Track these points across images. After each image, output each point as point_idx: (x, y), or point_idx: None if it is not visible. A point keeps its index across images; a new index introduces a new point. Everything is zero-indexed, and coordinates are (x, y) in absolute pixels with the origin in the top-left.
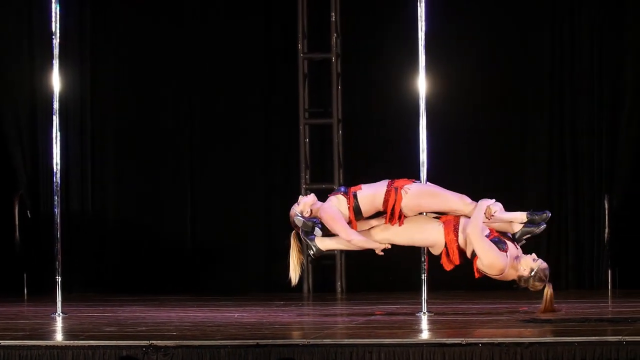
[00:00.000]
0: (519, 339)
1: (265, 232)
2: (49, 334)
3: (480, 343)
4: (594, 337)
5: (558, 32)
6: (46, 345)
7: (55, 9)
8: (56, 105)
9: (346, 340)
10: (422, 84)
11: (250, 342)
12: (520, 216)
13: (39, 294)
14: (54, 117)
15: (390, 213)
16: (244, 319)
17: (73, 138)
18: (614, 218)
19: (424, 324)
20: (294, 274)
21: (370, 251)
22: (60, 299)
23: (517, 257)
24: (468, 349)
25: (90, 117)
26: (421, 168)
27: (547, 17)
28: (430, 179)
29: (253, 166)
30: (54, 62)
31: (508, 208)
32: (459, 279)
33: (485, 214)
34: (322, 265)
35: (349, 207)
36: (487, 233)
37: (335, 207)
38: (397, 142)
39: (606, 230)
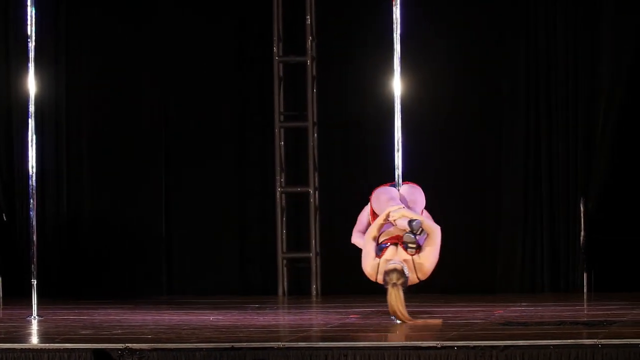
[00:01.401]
0: (494, 342)
1: (240, 235)
2: (24, 337)
3: (456, 346)
4: (569, 340)
5: (533, 34)
6: (21, 348)
7: (31, 12)
8: (32, 108)
9: (321, 343)
10: (397, 85)
11: (226, 345)
12: (406, 225)
13: (14, 297)
14: (30, 120)
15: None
16: (219, 322)
17: (48, 141)
18: (589, 221)
19: (399, 327)
20: None
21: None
22: (35, 302)
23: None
24: (443, 352)
25: (65, 120)
26: (396, 170)
27: (522, 18)
28: (407, 180)
29: (228, 169)
30: (30, 65)
31: (487, 211)
32: (434, 283)
33: (389, 219)
34: (297, 268)
35: (370, 210)
36: (385, 238)
37: (366, 210)
38: (372, 145)
39: (582, 233)
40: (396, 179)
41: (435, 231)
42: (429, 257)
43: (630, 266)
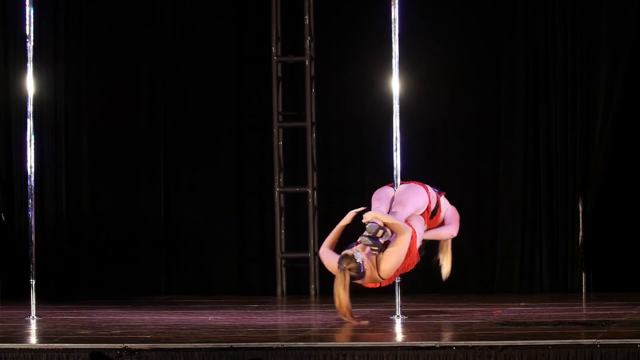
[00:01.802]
0: (492, 342)
1: (239, 235)
2: (23, 337)
3: (454, 346)
4: (568, 340)
5: (532, 34)
6: (20, 349)
7: (29, 12)
8: (30, 108)
9: (320, 343)
10: (395, 85)
11: (224, 345)
12: None
13: (13, 297)
14: (28, 120)
15: None
16: (218, 322)
17: (47, 141)
18: (588, 221)
19: (398, 327)
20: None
21: None
22: (34, 302)
23: None
24: (442, 352)
25: (64, 120)
26: (395, 170)
27: (521, 18)
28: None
29: (227, 169)
30: (28, 65)
31: (486, 211)
32: (433, 282)
33: (362, 220)
34: (296, 268)
35: None
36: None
37: None
38: (371, 145)
39: (580, 234)
40: (395, 179)
41: (404, 233)
42: (389, 258)
43: (628, 266)
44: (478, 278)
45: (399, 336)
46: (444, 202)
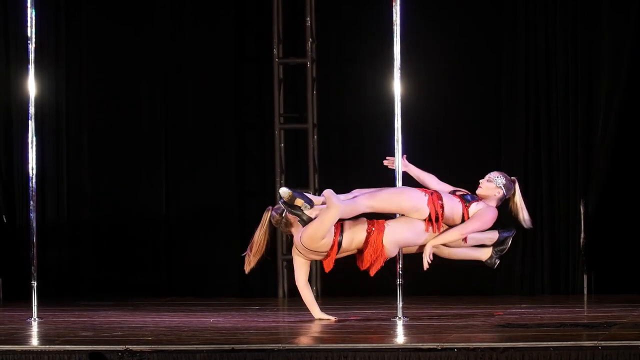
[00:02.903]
0: (494, 344)
1: (240, 236)
2: (24, 338)
3: (456, 348)
4: (569, 342)
5: (533, 34)
6: (22, 350)
7: (31, 13)
8: (32, 109)
9: (321, 345)
10: (397, 87)
11: (226, 347)
12: None
13: (14, 299)
14: (30, 121)
15: None
16: (219, 324)
17: (49, 143)
18: (589, 223)
19: (399, 329)
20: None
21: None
22: (36, 304)
23: None
24: (443, 354)
25: (65, 122)
26: (396, 173)
27: (521, 19)
28: (405, 183)
29: (228, 170)
30: (30, 66)
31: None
32: (433, 284)
33: None
34: None
35: None
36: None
37: None
38: (372, 146)
39: (581, 236)
40: (397, 181)
41: (329, 208)
42: (309, 226)
43: (630, 268)
44: (479, 280)
45: (401, 338)
46: (475, 209)
